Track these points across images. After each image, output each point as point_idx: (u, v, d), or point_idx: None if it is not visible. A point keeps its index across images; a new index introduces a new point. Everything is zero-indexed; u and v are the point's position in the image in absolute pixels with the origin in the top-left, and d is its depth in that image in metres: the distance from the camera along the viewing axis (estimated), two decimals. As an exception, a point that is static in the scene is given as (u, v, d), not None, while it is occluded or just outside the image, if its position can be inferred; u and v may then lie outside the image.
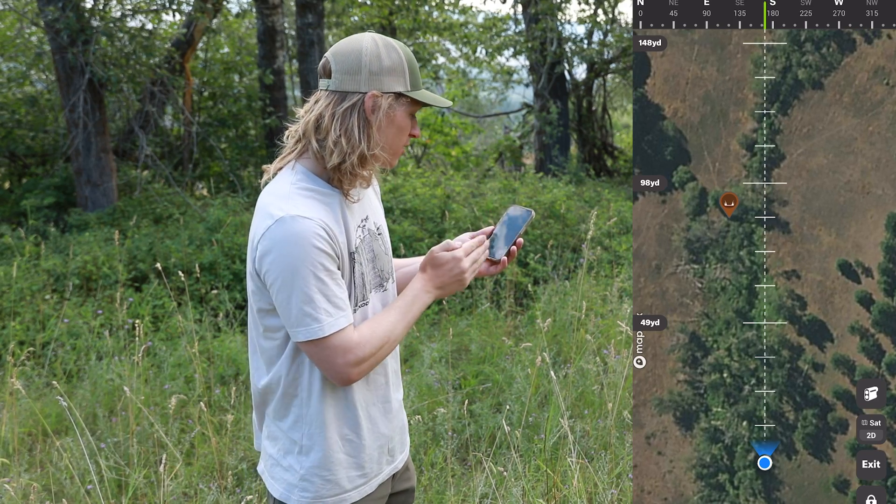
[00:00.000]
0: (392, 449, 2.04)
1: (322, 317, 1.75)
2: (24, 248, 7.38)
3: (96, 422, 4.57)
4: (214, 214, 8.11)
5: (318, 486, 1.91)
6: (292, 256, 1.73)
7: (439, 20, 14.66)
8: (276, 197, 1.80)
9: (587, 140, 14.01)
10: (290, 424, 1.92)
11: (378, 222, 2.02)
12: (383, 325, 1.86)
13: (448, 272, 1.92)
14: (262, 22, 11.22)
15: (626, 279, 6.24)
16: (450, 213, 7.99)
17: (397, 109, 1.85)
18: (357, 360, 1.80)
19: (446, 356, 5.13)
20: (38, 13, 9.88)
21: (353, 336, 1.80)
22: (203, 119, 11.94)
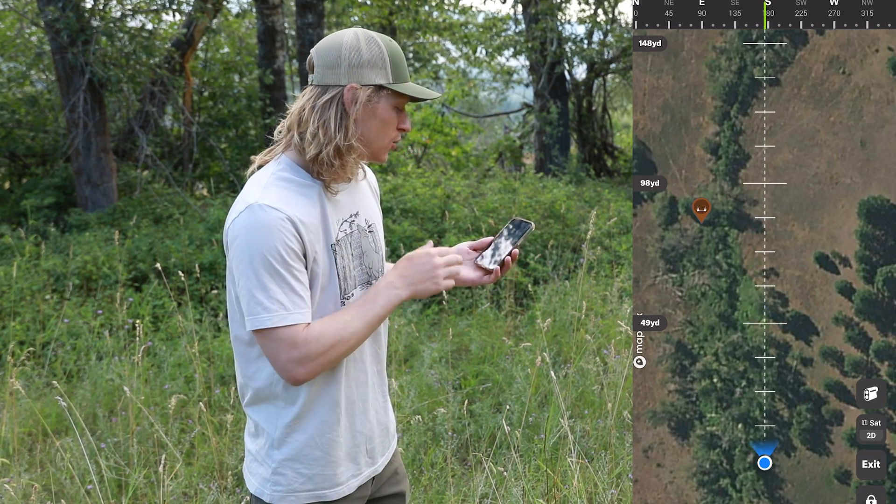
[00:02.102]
0: (372, 450, 2.01)
1: (273, 307, 1.75)
2: (24, 248, 7.39)
3: (96, 422, 4.57)
4: (214, 214, 8.11)
5: (291, 478, 1.90)
6: (254, 243, 1.74)
7: (439, 20, 14.67)
8: (254, 185, 1.83)
9: (587, 140, 14.01)
10: (265, 417, 1.92)
11: (370, 220, 2.02)
12: (335, 324, 1.81)
13: (420, 266, 1.88)
14: (262, 22, 11.22)
15: (626, 279, 6.24)
16: (450, 213, 7.99)
17: (379, 102, 1.86)
18: (302, 357, 1.76)
19: (446, 356, 5.13)
20: (38, 13, 9.89)
21: (302, 332, 1.77)
22: (203, 119, 11.94)
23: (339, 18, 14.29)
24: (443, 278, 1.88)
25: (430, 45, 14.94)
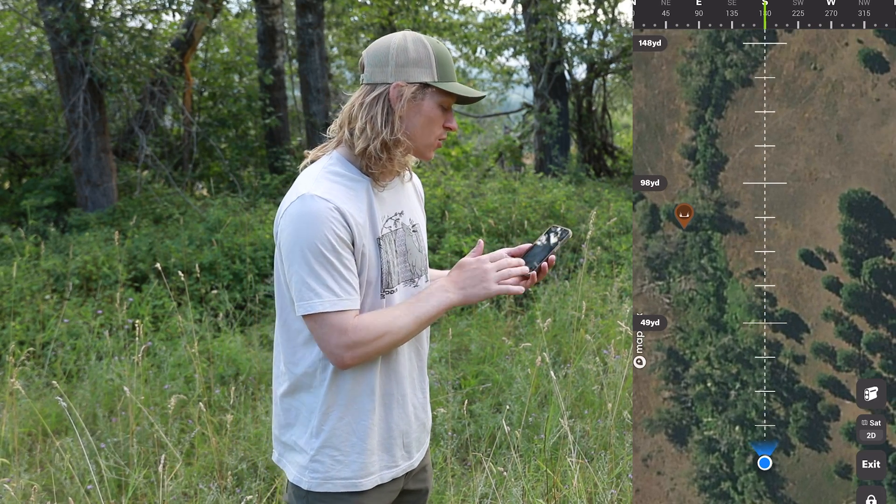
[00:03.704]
0: (408, 444, 2.07)
1: (323, 293, 1.82)
2: (24, 248, 7.38)
3: (96, 422, 4.57)
4: (214, 214, 8.11)
5: (328, 466, 1.95)
6: (304, 231, 1.82)
7: (439, 20, 14.66)
8: (306, 178, 1.92)
9: (587, 140, 14.02)
10: (302, 405, 1.97)
11: (415, 220, 2.08)
12: (386, 316, 1.88)
13: (471, 272, 1.95)
14: (262, 22, 11.22)
15: (626, 279, 6.24)
16: (450, 213, 7.98)
17: (424, 99, 1.93)
18: (351, 343, 1.83)
19: (446, 356, 5.13)
20: (38, 13, 9.89)
21: (353, 320, 1.84)
22: (203, 119, 11.94)
23: (339, 18, 14.29)
24: (495, 282, 1.93)
25: (429, 45, 14.91)
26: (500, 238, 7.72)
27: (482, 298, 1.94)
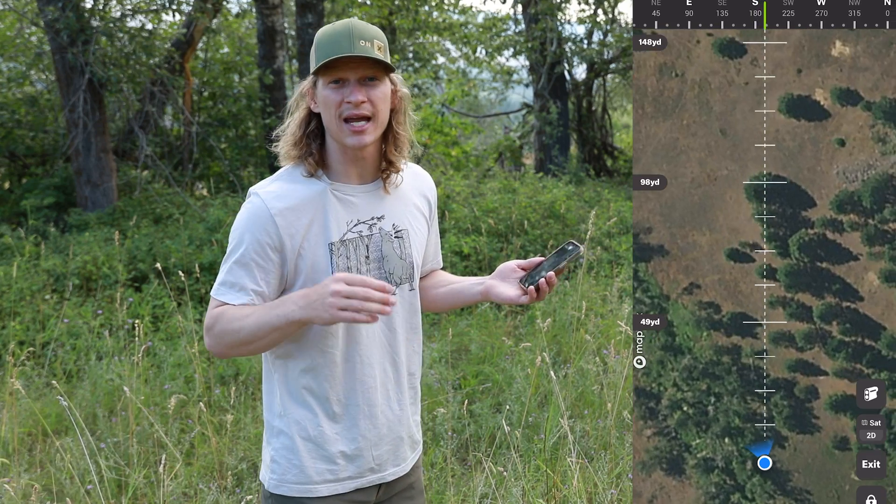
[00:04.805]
0: (378, 457, 1.98)
1: (221, 280, 1.87)
2: (24, 248, 7.38)
3: (96, 422, 4.57)
4: (214, 214, 8.11)
5: (284, 467, 1.93)
6: (237, 224, 1.88)
7: (439, 20, 14.66)
8: (271, 176, 1.95)
9: (587, 140, 14.02)
10: (268, 406, 1.98)
11: (401, 226, 1.97)
12: (239, 315, 1.80)
13: (320, 289, 1.73)
14: (262, 22, 11.22)
15: (626, 279, 6.24)
16: (450, 213, 7.98)
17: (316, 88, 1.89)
18: (206, 328, 1.85)
19: (446, 356, 5.13)
20: (38, 13, 9.88)
21: (220, 308, 1.84)
22: (203, 119, 11.94)
23: (339, 18, 14.28)
24: (336, 309, 1.69)
25: (429, 45, 14.92)
26: (500, 238, 7.72)
27: (325, 322, 1.74)
